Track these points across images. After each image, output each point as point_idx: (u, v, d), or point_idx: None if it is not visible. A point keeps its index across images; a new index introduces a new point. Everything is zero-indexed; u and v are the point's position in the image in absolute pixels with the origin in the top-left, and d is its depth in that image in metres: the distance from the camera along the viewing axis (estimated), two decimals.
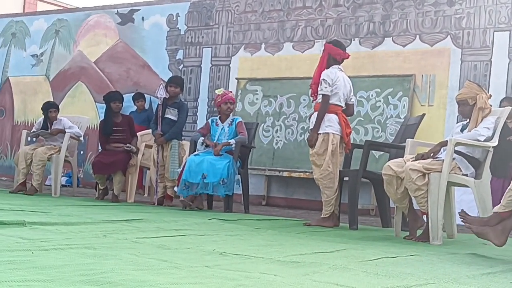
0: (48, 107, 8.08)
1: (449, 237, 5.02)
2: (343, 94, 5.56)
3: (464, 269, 3.14)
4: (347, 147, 5.62)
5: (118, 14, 10.66)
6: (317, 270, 2.74)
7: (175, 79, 7.59)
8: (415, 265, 3.22)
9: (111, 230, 3.98)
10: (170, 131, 7.16)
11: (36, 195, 7.44)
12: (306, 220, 5.92)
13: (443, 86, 7.85)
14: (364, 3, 8.51)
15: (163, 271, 2.46)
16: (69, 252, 2.88)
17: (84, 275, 2.25)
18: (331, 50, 5.59)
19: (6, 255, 2.63)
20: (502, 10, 7.62)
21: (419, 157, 4.72)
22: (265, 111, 8.97)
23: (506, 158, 6.76)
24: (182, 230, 4.30)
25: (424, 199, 4.59)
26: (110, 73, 10.61)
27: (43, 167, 7.77)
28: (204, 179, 6.45)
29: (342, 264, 2.99)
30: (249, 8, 9.41)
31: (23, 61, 11.69)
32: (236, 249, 3.38)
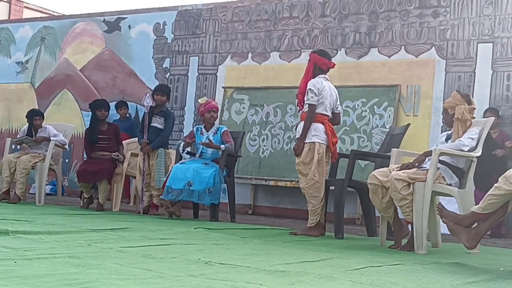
0: (33, 115, 8.04)
1: (433, 246, 5.04)
2: (330, 103, 5.58)
3: (448, 278, 3.15)
4: (333, 157, 5.63)
5: (105, 22, 10.65)
6: (302, 280, 2.74)
7: (161, 88, 7.59)
8: (400, 274, 3.22)
9: (96, 239, 3.96)
10: (156, 139, 7.15)
11: (20, 204, 7.40)
12: (292, 229, 5.92)
13: (428, 97, 7.90)
14: (350, 14, 8.56)
15: (148, 281, 2.45)
16: (52, 261, 2.86)
17: (68, 285, 2.23)
18: (316, 60, 5.61)
19: None
20: (485, 22, 7.69)
21: (404, 166, 4.73)
22: (252, 120, 8.98)
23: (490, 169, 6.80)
24: (167, 239, 4.29)
25: (409, 208, 4.60)
26: (96, 81, 10.59)
27: (27, 175, 7.72)
28: (190, 186, 6.42)
29: (328, 273, 2.99)
30: (236, 17, 9.43)
31: (7, 68, 11.64)
32: (221, 258, 3.38)
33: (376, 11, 8.39)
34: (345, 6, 8.61)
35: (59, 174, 8.32)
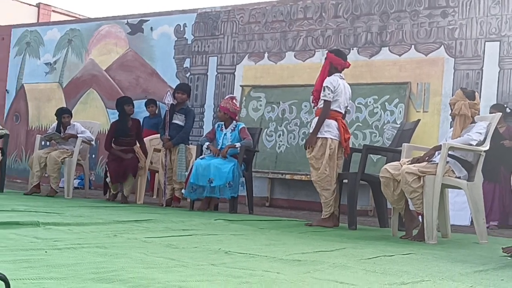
0: (62, 113, 8.09)
1: (443, 236, 5.02)
2: (343, 101, 5.57)
3: (457, 267, 3.14)
4: (345, 152, 5.62)
5: (128, 24, 10.69)
6: (318, 268, 2.74)
7: (182, 86, 7.60)
8: (411, 263, 3.21)
9: (122, 230, 3.98)
10: (177, 135, 7.17)
11: (50, 197, 7.45)
12: (307, 220, 5.92)
13: (437, 93, 7.85)
14: (362, 15, 8.52)
15: (171, 269, 2.47)
16: (81, 251, 2.88)
17: (95, 273, 2.25)
18: (332, 59, 5.60)
19: (21, 254, 2.64)
20: (492, 22, 7.62)
21: (415, 160, 4.72)
22: (268, 117, 8.97)
23: (498, 162, 6.76)
24: (189, 230, 4.31)
25: (419, 200, 4.59)
26: (121, 81, 10.64)
27: (59, 169, 7.79)
28: (211, 183, 6.46)
29: (342, 263, 2.98)
30: (253, 19, 9.42)
31: (37, 69, 11.72)
32: (240, 248, 3.39)
33: (387, 11, 8.34)
34: (357, 7, 8.58)
35: (86, 169, 8.38)
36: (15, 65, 12.01)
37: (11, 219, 4.05)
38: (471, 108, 4.74)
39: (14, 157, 11.53)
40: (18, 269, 2.21)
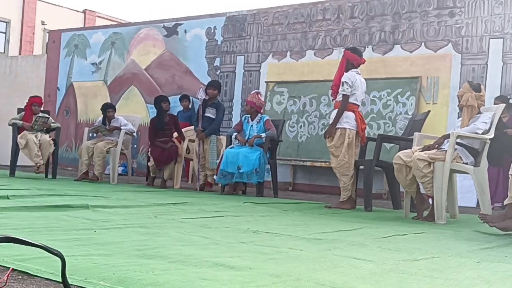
0: (106, 108, 8.18)
1: (452, 217, 4.97)
2: (360, 94, 5.54)
3: (465, 245, 3.11)
4: (362, 141, 5.59)
5: (165, 28, 10.73)
6: (337, 246, 2.74)
7: (213, 83, 7.63)
8: (423, 241, 3.20)
9: (161, 212, 4.02)
10: (209, 127, 7.20)
11: (97, 182, 7.55)
12: (327, 203, 5.91)
13: (446, 87, 7.78)
14: (376, 15, 8.45)
15: (205, 247, 2.49)
16: (126, 230, 2.91)
17: (139, 250, 2.28)
18: (349, 56, 5.56)
19: (73, 234, 2.68)
20: (496, 20, 7.51)
21: (425, 148, 4.69)
22: (291, 110, 8.96)
23: (502, 149, 6.68)
24: (220, 212, 4.33)
25: (429, 184, 4.56)
26: (158, 78, 10.70)
27: (103, 158, 7.87)
28: (240, 169, 6.48)
29: (359, 241, 2.98)
30: (276, 21, 9.39)
31: (84, 69, 11.85)
32: (267, 228, 3.40)
33: (399, 12, 8.26)
34: (371, 8, 8.50)
35: (129, 157, 8.47)
36: (65, 65, 12.15)
37: (64, 202, 4.12)
38: (477, 100, 4.69)
39: (65, 147, 11.69)
40: (71, 247, 2.24)
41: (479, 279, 2.06)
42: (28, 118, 7.82)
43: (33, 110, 7.88)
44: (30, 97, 8.10)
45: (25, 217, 3.26)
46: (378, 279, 1.93)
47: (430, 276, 2.04)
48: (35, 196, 4.62)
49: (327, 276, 1.92)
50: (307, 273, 1.97)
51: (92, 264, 1.92)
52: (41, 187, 5.64)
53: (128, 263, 1.96)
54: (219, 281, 1.75)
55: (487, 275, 2.14)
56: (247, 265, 2.06)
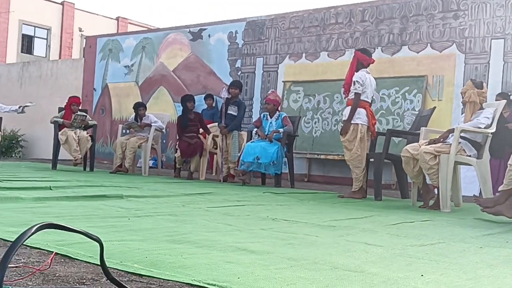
0: (138, 106, 8.23)
1: (456, 206, 4.93)
2: (370, 92, 5.50)
3: (468, 231, 3.09)
4: (372, 135, 5.57)
5: (190, 33, 10.75)
6: (350, 233, 2.74)
7: (235, 83, 7.63)
8: (429, 228, 3.17)
9: (188, 201, 4.04)
10: (231, 124, 7.21)
11: (130, 174, 7.60)
12: (339, 193, 5.89)
13: (450, 84, 7.70)
14: (385, 18, 8.37)
15: (229, 233, 2.50)
16: (156, 218, 2.94)
17: (168, 236, 2.30)
18: (359, 56, 5.52)
19: (109, 221, 2.72)
20: (497, 22, 7.41)
21: (431, 142, 4.65)
22: (306, 107, 8.94)
23: (503, 142, 6.59)
24: (242, 201, 4.34)
25: (435, 175, 4.52)
26: (185, 79, 10.74)
27: (134, 153, 7.93)
28: (258, 160, 6.49)
29: (370, 228, 2.97)
30: (293, 25, 9.36)
31: (118, 71, 11.93)
32: (285, 215, 3.40)
33: (406, 15, 8.18)
34: (380, 12, 8.43)
35: (159, 152, 8.53)
36: (101, 68, 12.25)
37: (100, 193, 4.17)
38: (479, 96, 4.64)
39: (101, 142, 11.79)
40: (107, 233, 2.27)
41: (482, 263, 2.04)
42: (68, 117, 7.91)
43: (72, 109, 7.96)
44: (69, 97, 8.19)
45: (65, 206, 3.31)
46: (388, 263, 1.93)
47: (436, 260, 2.03)
48: (74, 187, 4.68)
49: (341, 260, 1.92)
50: (322, 257, 1.97)
51: (126, 248, 1.94)
52: (80, 179, 5.71)
53: (159, 248, 1.98)
54: (242, 264, 1.76)
55: (489, 260, 2.13)
56: (267, 249, 2.06)
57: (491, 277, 1.78)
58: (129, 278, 1.54)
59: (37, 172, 6.59)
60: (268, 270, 1.70)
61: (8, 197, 3.45)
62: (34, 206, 3.19)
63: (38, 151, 13.39)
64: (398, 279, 1.66)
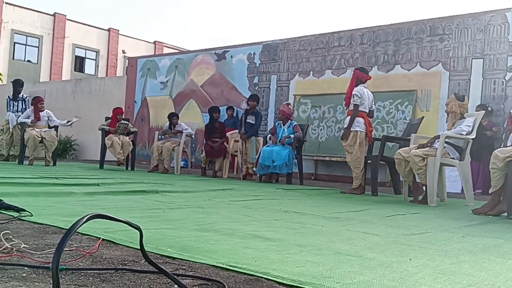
0: (172, 116, 8.28)
1: (441, 201, 4.87)
2: (367, 104, 5.47)
3: (452, 222, 3.04)
4: (369, 140, 5.52)
5: (216, 54, 10.80)
6: (351, 223, 2.72)
7: (253, 96, 7.63)
8: (418, 219, 3.14)
9: (213, 196, 4.05)
10: (250, 131, 7.22)
11: (163, 174, 7.63)
12: (342, 189, 5.86)
13: (436, 97, 7.62)
14: (381, 41, 8.33)
15: (248, 223, 2.50)
16: (187, 210, 2.95)
17: (197, 225, 2.30)
18: (358, 74, 5.50)
19: (147, 212, 2.73)
20: (477, 44, 7.33)
21: (420, 146, 4.60)
22: (313, 116, 8.91)
23: (481, 147, 6.51)
24: (259, 196, 4.34)
25: (423, 175, 4.48)
26: (211, 93, 10.78)
27: (170, 155, 7.97)
28: (273, 163, 6.49)
29: (368, 219, 2.95)
30: (302, 47, 9.35)
31: (155, 86, 12.02)
32: (295, 208, 3.39)
33: (399, 39, 8.12)
34: (377, 36, 8.39)
35: (189, 154, 8.55)
36: (140, 84, 12.36)
37: (140, 188, 4.19)
38: (460, 107, 4.59)
39: (141, 146, 11.88)
40: (146, 222, 2.28)
41: (464, 250, 2.01)
42: (113, 124, 7.99)
43: (117, 118, 8.04)
44: (114, 109, 8.27)
45: (111, 199, 3.34)
46: (383, 249, 1.91)
47: (424, 247, 2.01)
48: (118, 183, 4.72)
49: (342, 247, 1.91)
50: (326, 244, 1.96)
51: (161, 235, 1.95)
52: (123, 177, 5.75)
53: (189, 235, 1.99)
54: (259, 249, 1.76)
55: (470, 247, 2.10)
56: (280, 237, 2.06)
57: (471, 262, 1.76)
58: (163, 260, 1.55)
59: (87, 171, 6.67)
60: (281, 254, 1.69)
61: (63, 192, 3.50)
62: (84, 200, 3.23)
63: (88, 153, 13.54)
64: (392, 263, 1.65)
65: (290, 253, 1.73)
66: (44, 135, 7.52)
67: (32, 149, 7.45)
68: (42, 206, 2.72)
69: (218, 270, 1.45)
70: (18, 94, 8.60)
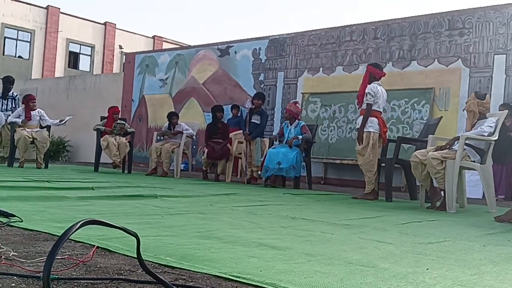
0: (171, 115, 8.30)
1: (461, 207, 4.84)
2: (382, 103, 5.46)
3: (473, 231, 3.03)
4: (383, 142, 5.51)
5: (218, 49, 10.82)
6: (362, 231, 2.71)
7: (258, 94, 7.64)
8: (436, 227, 3.12)
9: (215, 201, 4.05)
10: (255, 131, 7.22)
11: (163, 177, 7.64)
12: (353, 194, 5.84)
13: (456, 96, 7.59)
14: (396, 36, 8.31)
15: (252, 230, 2.49)
16: (187, 216, 2.95)
17: (198, 232, 2.30)
18: (372, 70, 5.49)
19: (144, 218, 2.74)
20: (500, 39, 7.29)
21: (438, 148, 4.59)
22: (323, 116, 8.90)
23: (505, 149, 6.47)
24: (264, 201, 4.33)
25: (442, 179, 4.46)
26: (213, 91, 10.80)
27: (170, 157, 7.99)
28: (279, 165, 6.48)
29: (381, 226, 2.94)
30: (311, 42, 9.35)
31: (153, 84, 12.05)
32: (303, 214, 3.39)
33: (416, 33, 8.10)
34: (392, 30, 8.37)
35: (189, 156, 8.57)
36: (138, 81, 12.39)
37: (137, 193, 4.20)
38: (479, 106, 4.57)
39: (138, 148, 11.91)
40: (143, 229, 2.28)
41: (485, 260, 2.00)
42: (109, 125, 8.02)
43: (113, 117, 8.07)
44: (110, 107, 8.30)
45: (106, 204, 3.34)
46: (397, 259, 1.90)
47: (442, 257, 2.00)
48: (114, 187, 4.73)
49: (354, 256, 1.91)
50: (337, 253, 1.95)
51: (160, 243, 1.95)
52: (119, 180, 5.77)
53: (189, 243, 1.99)
54: (264, 259, 1.75)
55: (492, 257, 2.08)
56: (287, 245, 2.06)
57: (493, 273, 1.75)
58: (162, 269, 1.55)
59: (81, 174, 6.69)
60: (288, 264, 1.69)
61: (55, 196, 3.51)
62: (78, 204, 3.24)
63: (82, 155, 13.60)
64: (407, 273, 1.64)
65: (297, 262, 1.73)
66: (35, 136, 7.56)
67: (23, 151, 7.49)
68: (33, 211, 2.73)
69: (220, 280, 1.45)
70: (8, 91, 8.65)
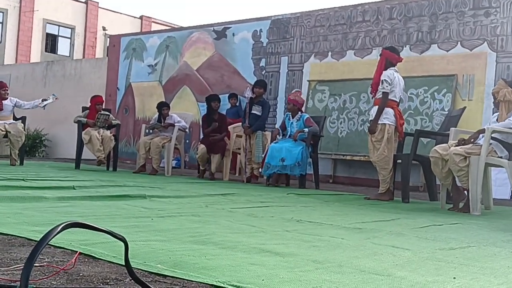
0: (161, 106, 8.28)
1: (486, 209, 4.85)
2: (399, 91, 5.45)
3: (499, 235, 3.04)
4: (400, 136, 5.51)
5: (214, 31, 10.80)
6: (376, 235, 2.72)
7: (259, 82, 7.63)
8: (458, 231, 3.13)
9: (211, 202, 4.06)
10: (255, 124, 7.21)
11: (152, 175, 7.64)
12: (366, 195, 5.85)
13: (481, 84, 7.58)
14: (414, 16, 8.29)
15: (253, 234, 2.50)
16: (180, 218, 2.96)
17: (192, 237, 2.31)
18: (388, 55, 5.47)
19: (132, 221, 2.74)
20: None
21: (461, 142, 4.58)
22: (332, 107, 8.89)
23: None
24: (266, 202, 4.34)
25: (465, 177, 4.46)
26: (208, 78, 10.79)
27: (160, 153, 7.97)
28: (283, 162, 6.48)
29: (397, 230, 2.94)
30: (318, 23, 9.33)
31: (141, 70, 12.03)
32: (310, 217, 3.39)
33: (436, 13, 8.08)
34: (409, 10, 8.35)
35: (182, 152, 8.57)
36: (124, 67, 12.36)
37: (124, 192, 4.21)
38: None
39: (124, 142, 11.90)
40: (131, 233, 2.28)
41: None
42: (92, 116, 8.01)
43: (96, 108, 8.06)
44: (92, 97, 8.29)
45: (89, 205, 3.35)
46: (416, 267, 1.91)
47: (466, 265, 2.00)
48: (97, 186, 4.74)
49: (367, 263, 1.91)
50: (348, 260, 1.96)
51: (150, 249, 1.96)
52: (103, 179, 5.77)
53: (183, 248, 2.00)
54: (266, 266, 1.76)
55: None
56: (292, 251, 2.06)
57: None
58: (152, 278, 1.56)
59: (61, 172, 6.70)
60: (293, 272, 1.70)
61: (32, 197, 3.51)
62: (57, 206, 3.24)
63: (62, 150, 13.60)
64: (427, 283, 1.65)
65: (304, 270, 1.73)
66: (8, 129, 7.55)
67: None
68: (7, 213, 2.74)
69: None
70: None
